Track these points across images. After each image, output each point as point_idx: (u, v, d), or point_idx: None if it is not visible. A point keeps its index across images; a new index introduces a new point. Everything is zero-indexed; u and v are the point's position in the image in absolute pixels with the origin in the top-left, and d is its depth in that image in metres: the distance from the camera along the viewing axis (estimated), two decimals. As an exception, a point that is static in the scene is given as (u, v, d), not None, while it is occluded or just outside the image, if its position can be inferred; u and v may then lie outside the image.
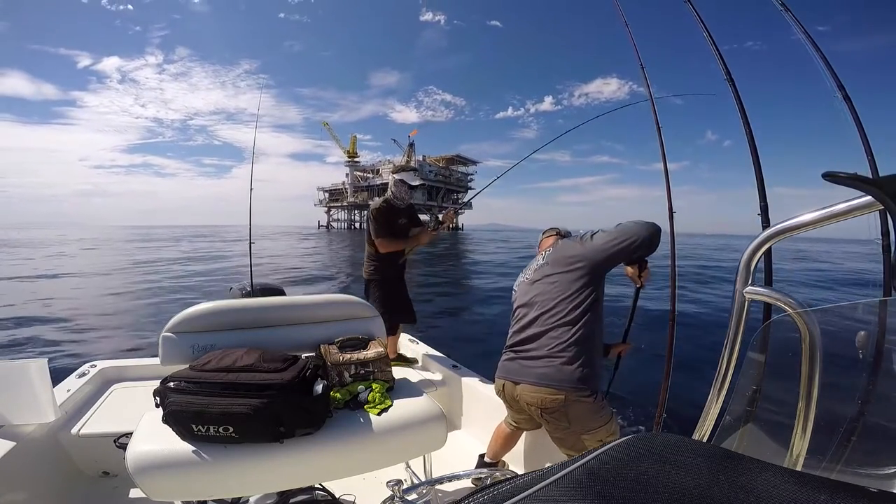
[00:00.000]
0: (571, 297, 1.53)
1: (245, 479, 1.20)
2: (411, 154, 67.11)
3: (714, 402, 0.67)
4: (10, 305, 7.96)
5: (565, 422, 1.48)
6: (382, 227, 2.67)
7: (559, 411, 1.47)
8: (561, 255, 1.64)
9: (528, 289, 1.70)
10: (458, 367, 2.57)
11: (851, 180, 0.40)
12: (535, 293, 1.65)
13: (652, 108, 2.62)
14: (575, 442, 1.50)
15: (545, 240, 1.94)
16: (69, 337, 6.15)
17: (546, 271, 1.65)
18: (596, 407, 1.48)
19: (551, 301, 1.57)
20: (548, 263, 1.67)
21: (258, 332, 1.59)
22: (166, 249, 24.10)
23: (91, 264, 16.47)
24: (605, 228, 1.60)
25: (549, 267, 1.65)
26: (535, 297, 1.64)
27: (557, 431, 1.53)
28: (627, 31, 2.81)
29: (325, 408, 1.32)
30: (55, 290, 9.97)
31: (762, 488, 0.25)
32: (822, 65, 2.37)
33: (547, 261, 1.68)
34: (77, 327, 6.67)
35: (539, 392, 1.49)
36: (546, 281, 1.63)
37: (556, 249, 1.69)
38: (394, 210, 2.74)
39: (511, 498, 0.27)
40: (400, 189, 2.76)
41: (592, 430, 1.48)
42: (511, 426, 1.77)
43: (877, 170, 2.23)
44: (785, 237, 0.55)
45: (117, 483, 1.82)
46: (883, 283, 2.06)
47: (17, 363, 1.64)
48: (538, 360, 1.52)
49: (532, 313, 1.62)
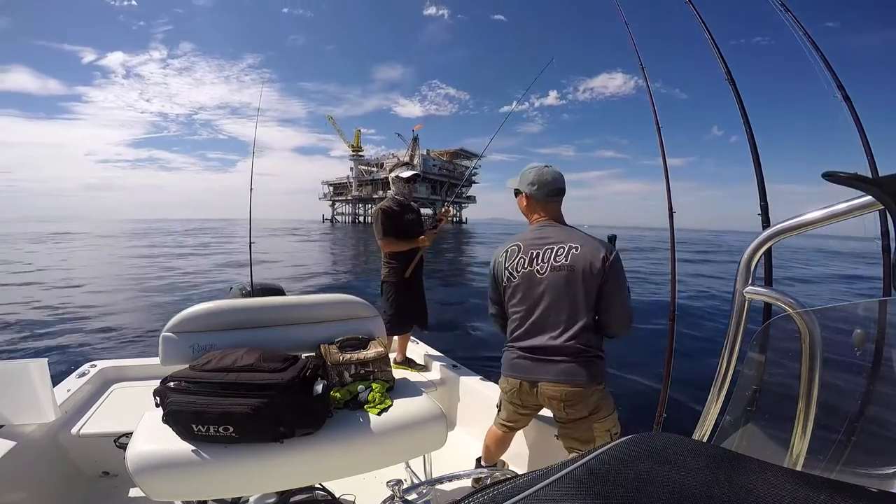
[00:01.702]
0: (585, 297, 1.50)
1: (245, 478, 1.20)
2: (415, 148, 66.93)
3: (714, 402, 0.68)
4: (10, 304, 7.97)
5: (585, 411, 1.50)
6: (386, 227, 2.67)
7: (581, 403, 1.49)
8: (585, 262, 1.49)
9: (536, 280, 1.55)
10: (457, 367, 2.57)
11: (851, 180, 0.40)
12: (545, 286, 1.53)
13: (652, 108, 2.62)
14: (586, 430, 1.51)
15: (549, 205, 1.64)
16: (69, 337, 6.15)
17: (563, 271, 1.51)
18: (606, 393, 1.54)
19: (565, 297, 1.50)
20: (571, 267, 1.50)
21: (258, 332, 1.59)
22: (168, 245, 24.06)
23: (93, 259, 16.47)
24: (624, 279, 1.52)
25: (566, 270, 1.51)
26: (545, 289, 1.53)
27: (572, 422, 1.52)
28: (628, 31, 2.81)
29: (325, 408, 1.32)
30: (55, 289, 9.97)
31: (762, 488, 0.25)
32: (822, 65, 2.37)
33: (571, 263, 1.50)
34: (77, 328, 6.67)
35: (562, 387, 1.49)
36: (560, 276, 1.52)
37: (583, 251, 1.50)
38: (401, 208, 2.77)
39: (511, 498, 0.27)
40: (398, 185, 2.80)
41: (604, 418, 1.51)
42: (504, 428, 1.72)
43: (877, 170, 2.23)
44: (785, 237, 0.55)
45: (117, 483, 1.82)
46: (883, 283, 2.06)
47: (17, 363, 1.64)
48: (558, 356, 1.49)
49: (542, 307, 1.53)
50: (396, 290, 2.73)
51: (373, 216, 2.79)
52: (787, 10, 2.51)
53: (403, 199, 2.81)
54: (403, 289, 2.74)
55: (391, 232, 2.68)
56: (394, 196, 2.82)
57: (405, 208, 2.79)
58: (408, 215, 2.78)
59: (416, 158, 64.74)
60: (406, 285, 2.75)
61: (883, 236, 2.06)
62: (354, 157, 74.07)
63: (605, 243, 1.55)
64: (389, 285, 2.75)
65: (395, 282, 2.74)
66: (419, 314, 2.83)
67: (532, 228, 1.64)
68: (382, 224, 2.67)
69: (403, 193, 2.81)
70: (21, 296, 8.90)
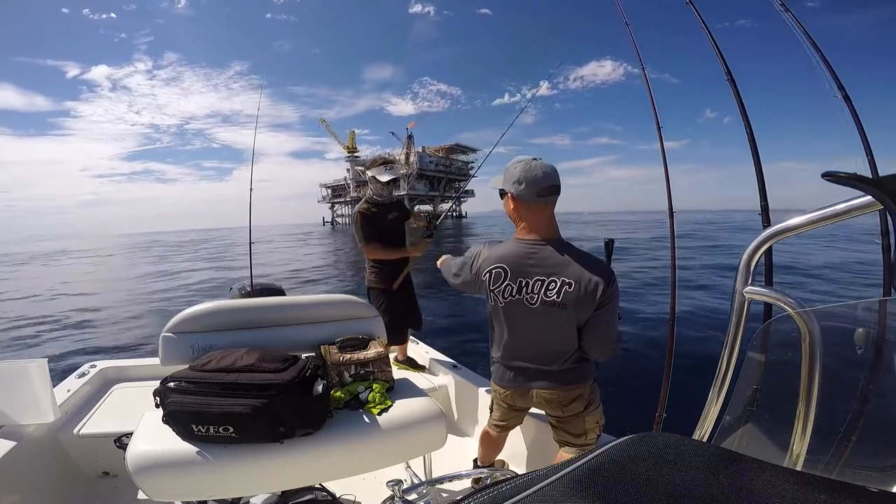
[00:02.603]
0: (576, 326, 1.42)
1: (245, 479, 1.20)
2: (410, 146, 66.76)
3: (714, 402, 0.68)
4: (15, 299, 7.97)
5: (581, 406, 1.50)
6: (367, 232, 2.50)
7: (577, 401, 1.49)
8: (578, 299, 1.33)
9: (525, 309, 1.40)
10: (458, 368, 2.57)
11: (851, 180, 0.40)
12: (535, 317, 1.41)
13: (652, 108, 2.62)
14: (579, 424, 1.50)
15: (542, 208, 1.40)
16: (69, 337, 6.15)
17: (555, 307, 1.37)
18: (595, 387, 1.55)
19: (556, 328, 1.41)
20: (564, 305, 1.36)
21: (258, 332, 1.59)
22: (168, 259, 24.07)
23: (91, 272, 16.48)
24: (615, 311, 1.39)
25: (558, 307, 1.36)
26: (535, 320, 1.41)
27: (567, 412, 1.50)
28: (628, 31, 2.81)
29: (325, 408, 1.32)
30: (56, 290, 9.98)
31: (762, 488, 0.25)
32: (822, 65, 2.37)
33: (563, 301, 1.35)
34: (77, 327, 6.67)
35: (557, 391, 1.47)
36: (551, 311, 1.38)
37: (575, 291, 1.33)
38: (381, 208, 2.57)
39: (511, 498, 0.27)
40: (376, 186, 2.58)
41: (594, 410, 1.51)
42: (496, 429, 1.68)
43: (877, 170, 2.23)
44: (785, 237, 0.55)
45: (117, 483, 1.82)
46: (883, 282, 2.06)
47: (17, 363, 1.64)
48: (552, 366, 1.44)
49: (532, 336, 1.45)
50: (386, 297, 2.56)
51: (352, 220, 2.61)
52: (786, 10, 2.51)
53: (382, 198, 2.59)
54: (393, 295, 2.57)
55: (374, 236, 2.50)
56: (372, 196, 2.60)
57: (385, 208, 2.58)
58: (389, 215, 2.58)
59: (412, 156, 64.70)
60: (396, 290, 2.58)
61: (883, 236, 2.07)
62: (350, 158, 74.04)
63: (603, 269, 1.36)
64: (378, 292, 2.58)
65: (383, 288, 2.56)
66: (413, 318, 2.72)
67: (520, 245, 1.40)
68: (362, 228, 2.50)
69: (381, 194, 2.59)
70: (21, 298, 8.90)
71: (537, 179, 1.35)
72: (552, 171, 1.37)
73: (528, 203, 1.38)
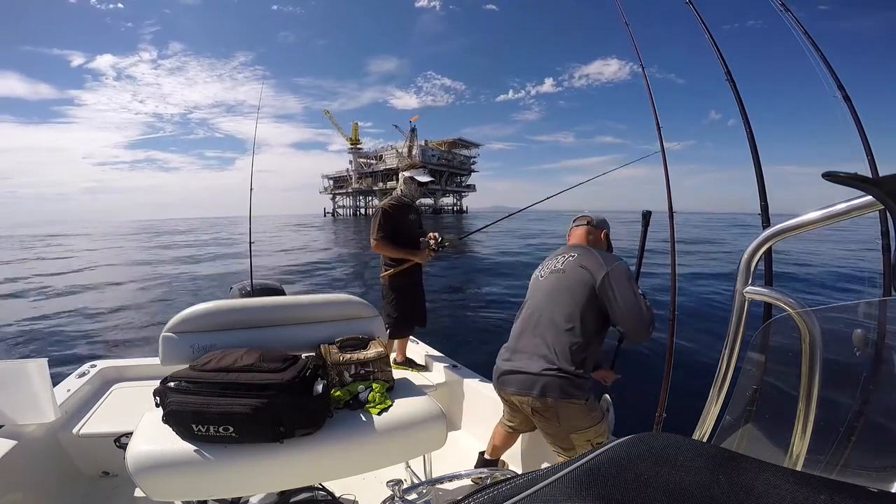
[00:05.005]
0: (572, 301, 1.52)
1: (245, 479, 1.20)
2: (413, 139, 67.08)
3: (714, 402, 0.68)
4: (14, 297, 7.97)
5: (555, 421, 1.49)
6: (383, 226, 2.63)
7: (549, 411, 1.48)
8: (579, 267, 1.58)
9: (536, 284, 1.70)
10: (458, 367, 2.57)
11: (851, 180, 0.40)
12: (541, 289, 1.65)
13: (653, 109, 2.62)
14: (564, 439, 1.51)
15: (575, 230, 1.83)
16: (69, 337, 6.15)
17: (556, 273, 1.63)
18: (587, 408, 1.49)
19: (552, 301, 1.57)
20: (563, 270, 1.62)
21: (258, 332, 1.59)
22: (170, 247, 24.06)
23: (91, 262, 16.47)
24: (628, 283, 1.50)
25: (559, 272, 1.62)
26: (539, 292, 1.64)
27: (548, 428, 1.54)
28: (628, 31, 2.80)
29: (325, 408, 1.32)
30: (56, 288, 9.98)
31: (762, 488, 0.25)
32: (822, 65, 2.37)
33: (564, 267, 1.62)
34: (77, 327, 6.67)
35: (526, 397, 1.50)
36: (552, 279, 1.63)
37: (579, 258, 1.61)
38: (404, 207, 2.74)
39: (511, 498, 0.27)
40: (410, 187, 2.76)
41: (581, 429, 1.48)
42: (507, 427, 1.76)
43: (877, 170, 2.23)
44: (785, 237, 0.55)
45: (117, 483, 1.82)
46: (883, 282, 2.06)
47: (17, 363, 1.64)
48: (526, 367, 1.52)
49: (531, 314, 1.62)
50: (399, 292, 2.69)
51: (373, 213, 2.76)
52: (786, 10, 2.51)
53: (409, 200, 2.78)
54: (405, 291, 2.70)
55: (388, 233, 2.63)
56: (400, 196, 2.77)
57: (408, 208, 2.76)
58: (410, 216, 2.76)
59: (414, 149, 64.84)
60: (408, 287, 2.72)
61: (883, 236, 2.07)
62: (353, 150, 74.44)
63: (611, 257, 1.60)
64: (390, 288, 2.71)
65: (397, 285, 2.69)
66: (421, 315, 2.82)
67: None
68: (380, 222, 2.63)
69: (412, 195, 2.78)
70: (20, 299, 8.90)
71: (576, 218, 1.88)
72: (585, 214, 1.88)
73: (570, 228, 1.89)
